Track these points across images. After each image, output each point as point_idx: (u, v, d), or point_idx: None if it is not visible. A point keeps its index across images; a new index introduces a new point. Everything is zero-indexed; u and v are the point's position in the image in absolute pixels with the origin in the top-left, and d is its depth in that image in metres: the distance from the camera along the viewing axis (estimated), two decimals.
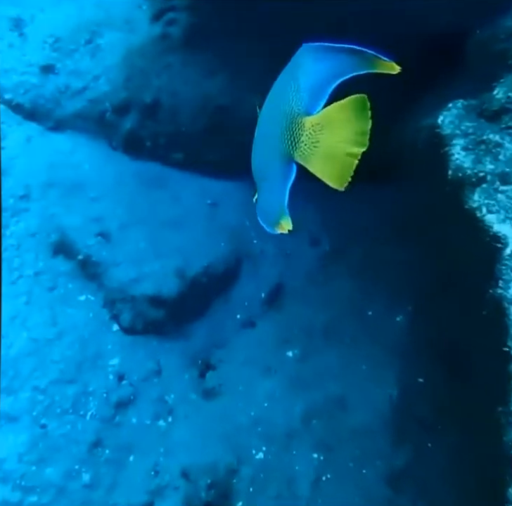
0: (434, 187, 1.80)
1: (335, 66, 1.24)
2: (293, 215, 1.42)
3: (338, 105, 1.22)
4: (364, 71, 1.22)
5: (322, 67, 1.24)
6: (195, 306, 2.63)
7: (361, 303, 2.40)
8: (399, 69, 1.21)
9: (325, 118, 1.24)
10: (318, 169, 1.27)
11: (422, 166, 1.93)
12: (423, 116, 2.08)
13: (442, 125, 1.74)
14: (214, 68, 2.88)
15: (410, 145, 2.05)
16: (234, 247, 2.76)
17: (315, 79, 1.25)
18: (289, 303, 2.57)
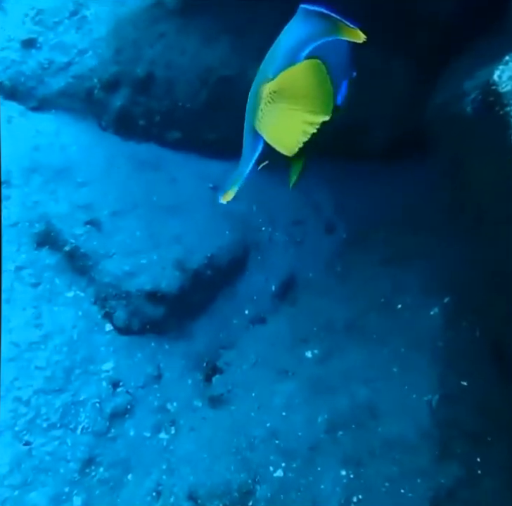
0: (488, 160, 1.51)
1: (308, 31, 1.20)
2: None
3: (294, 70, 1.17)
4: (332, 37, 1.19)
5: (299, 32, 1.21)
6: (198, 301, 2.34)
7: (388, 295, 2.11)
8: (363, 38, 1.17)
9: (281, 84, 1.18)
10: (271, 138, 1.20)
11: (469, 135, 1.64)
12: (465, 78, 1.78)
13: (500, 81, 1.45)
14: (215, 35, 2.58)
15: (450, 113, 1.76)
16: (240, 236, 2.47)
17: (291, 44, 1.20)
18: (303, 296, 2.28)
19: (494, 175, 1.52)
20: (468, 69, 1.92)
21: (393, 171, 2.63)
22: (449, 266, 2.07)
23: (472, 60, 1.96)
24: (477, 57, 1.95)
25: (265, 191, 2.58)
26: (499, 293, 1.71)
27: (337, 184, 2.63)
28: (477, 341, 1.87)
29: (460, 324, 1.95)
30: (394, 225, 2.34)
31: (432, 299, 2.04)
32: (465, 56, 2.07)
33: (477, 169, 1.64)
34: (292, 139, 1.19)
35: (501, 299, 1.71)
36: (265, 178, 2.61)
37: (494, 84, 1.44)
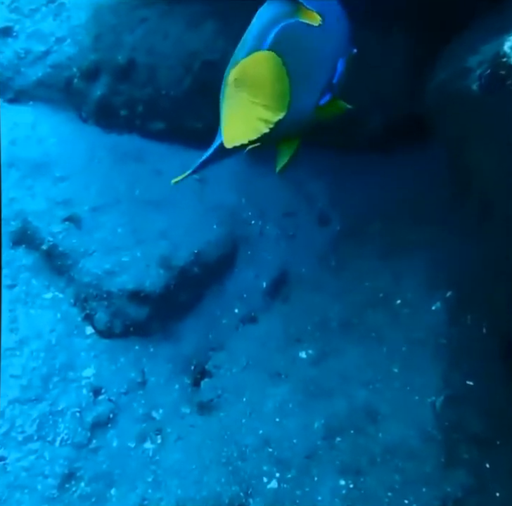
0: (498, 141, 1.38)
1: (274, 14, 1.19)
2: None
3: (252, 59, 1.13)
4: (294, 20, 1.17)
5: (267, 15, 1.19)
6: (185, 300, 2.20)
7: (386, 290, 1.97)
8: (319, 21, 1.19)
9: (241, 72, 1.14)
10: (224, 125, 1.18)
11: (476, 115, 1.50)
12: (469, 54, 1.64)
13: (511, 52, 1.30)
14: (199, 17, 2.43)
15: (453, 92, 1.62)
16: (229, 230, 2.33)
17: (259, 27, 1.19)
18: (296, 293, 2.15)
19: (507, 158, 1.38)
20: (471, 45, 1.77)
21: (391, 160, 2.49)
22: (451, 258, 1.94)
23: (476, 35, 1.81)
24: (480, 33, 1.81)
25: (254, 183, 2.45)
26: (508, 286, 1.57)
27: (330, 174, 2.49)
28: (483, 338, 1.73)
29: (465, 320, 1.81)
30: (392, 216, 2.20)
31: (434, 294, 1.91)
32: (468, 32, 1.93)
33: (486, 153, 1.50)
34: (241, 133, 1.15)
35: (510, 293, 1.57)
36: (254, 169, 2.48)
37: (505, 56, 1.30)
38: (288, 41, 1.20)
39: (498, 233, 1.54)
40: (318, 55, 1.34)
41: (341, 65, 1.42)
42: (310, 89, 1.35)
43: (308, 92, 1.35)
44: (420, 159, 2.36)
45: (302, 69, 1.28)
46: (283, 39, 1.19)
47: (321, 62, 1.36)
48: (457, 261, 1.91)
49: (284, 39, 1.19)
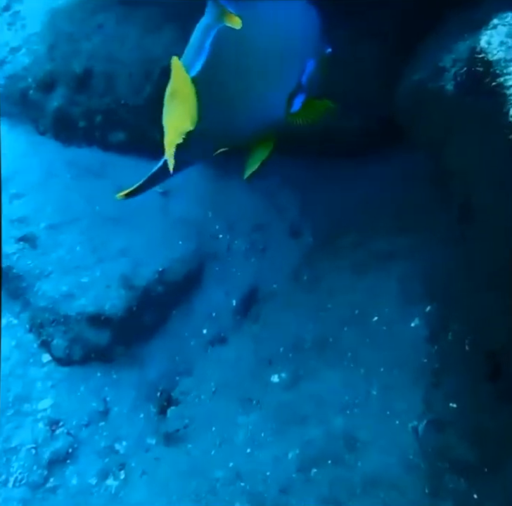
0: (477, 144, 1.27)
1: (209, 20, 1.19)
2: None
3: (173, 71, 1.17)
4: (222, 24, 1.16)
5: (203, 21, 1.20)
6: (150, 322, 2.07)
7: (362, 306, 1.85)
8: (240, 24, 1.16)
9: (173, 87, 1.18)
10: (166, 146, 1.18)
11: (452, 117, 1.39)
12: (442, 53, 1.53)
13: (489, 48, 1.19)
14: (158, 22, 2.31)
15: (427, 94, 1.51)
16: (195, 245, 2.20)
17: (197, 34, 1.20)
18: (268, 311, 2.02)
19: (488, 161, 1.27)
20: (445, 44, 1.67)
21: (365, 166, 2.37)
22: (430, 269, 1.82)
23: (449, 33, 1.71)
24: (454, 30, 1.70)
25: (222, 195, 2.32)
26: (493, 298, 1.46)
27: (302, 182, 2.37)
28: (467, 356, 1.61)
29: (445, 336, 1.69)
30: (367, 226, 2.08)
31: (413, 309, 1.79)
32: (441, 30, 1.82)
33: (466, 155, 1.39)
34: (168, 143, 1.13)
35: (495, 305, 1.46)
36: (222, 181, 2.35)
37: (482, 52, 1.19)
38: (226, 46, 1.18)
39: (480, 240, 1.43)
40: (277, 56, 1.27)
41: (311, 66, 1.35)
42: (272, 91, 1.29)
43: (270, 94, 1.29)
44: (396, 164, 2.25)
45: (254, 71, 1.24)
46: (220, 46, 1.18)
47: (281, 63, 1.28)
48: (437, 272, 1.79)
49: (222, 44, 1.18)
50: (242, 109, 1.26)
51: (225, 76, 1.22)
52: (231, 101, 1.25)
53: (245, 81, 1.24)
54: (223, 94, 1.23)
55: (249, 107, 1.26)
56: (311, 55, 1.35)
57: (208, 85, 1.19)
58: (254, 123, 1.30)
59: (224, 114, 1.24)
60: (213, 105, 1.21)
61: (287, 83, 1.32)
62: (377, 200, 2.17)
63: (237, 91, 1.24)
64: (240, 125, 1.28)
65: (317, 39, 1.37)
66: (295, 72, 1.32)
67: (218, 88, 1.22)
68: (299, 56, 1.33)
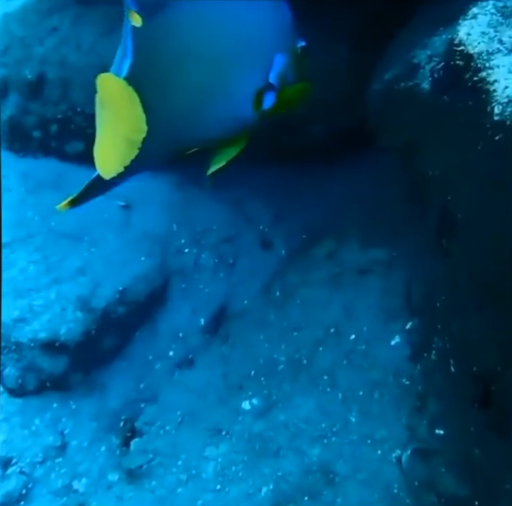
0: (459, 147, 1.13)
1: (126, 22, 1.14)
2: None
3: (100, 81, 1.12)
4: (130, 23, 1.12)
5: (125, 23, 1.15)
6: (111, 346, 1.92)
7: (339, 324, 1.71)
8: (140, 21, 1.10)
9: (101, 93, 1.13)
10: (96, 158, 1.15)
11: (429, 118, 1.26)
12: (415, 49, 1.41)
13: (469, 39, 1.06)
14: (114, 24, 2.16)
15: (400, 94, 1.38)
16: (159, 261, 2.05)
17: (123, 38, 1.16)
18: (238, 330, 1.87)
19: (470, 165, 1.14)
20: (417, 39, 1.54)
21: (337, 172, 2.25)
22: (409, 283, 1.69)
23: (421, 28, 1.58)
24: (426, 24, 1.58)
25: (187, 206, 2.17)
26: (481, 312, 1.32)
27: (272, 190, 2.23)
28: (453, 378, 1.48)
29: (429, 355, 1.56)
30: (341, 236, 1.94)
31: (393, 326, 1.65)
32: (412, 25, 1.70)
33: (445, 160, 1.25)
34: (114, 160, 1.10)
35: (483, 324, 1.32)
36: (187, 191, 2.21)
37: (461, 44, 1.06)
38: (159, 43, 1.11)
39: (463, 252, 1.30)
40: (234, 51, 1.19)
41: (280, 61, 1.27)
42: (232, 88, 1.22)
43: (229, 92, 1.22)
44: (370, 168, 2.12)
45: (204, 69, 1.16)
46: (149, 44, 1.11)
47: (241, 58, 1.21)
48: (417, 287, 1.66)
49: (151, 43, 1.11)
50: (193, 110, 1.19)
51: (163, 75, 1.14)
52: (176, 101, 1.17)
53: (193, 80, 1.16)
54: (164, 95, 1.15)
55: (202, 106, 1.19)
56: (281, 50, 1.27)
57: (142, 87, 1.11)
58: (213, 123, 1.23)
59: (170, 115, 1.17)
60: (154, 107, 1.13)
61: (250, 79, 1.24)
62: (351, 208, 2.04)
63: (183, 90, 1.17)
64: (195, 126, 1.22)
65: (287, 33, 1.28)
66: (261, 68, 1.25)
67: (156, 89, 1.14)
68: (265, 51, 1.25)
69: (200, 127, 1.23)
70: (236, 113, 1.25)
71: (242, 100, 1.24)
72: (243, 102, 1.25)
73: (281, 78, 1.29)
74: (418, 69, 1.38)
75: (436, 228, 1.32)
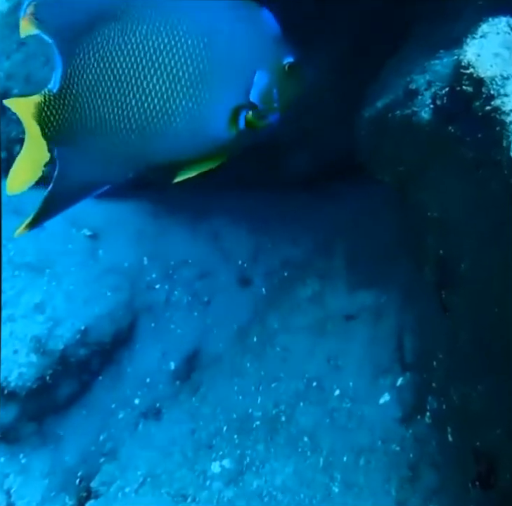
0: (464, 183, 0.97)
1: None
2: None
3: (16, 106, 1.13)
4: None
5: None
6: (68, 393, 1.73)
7: (322, 377, 1.54)
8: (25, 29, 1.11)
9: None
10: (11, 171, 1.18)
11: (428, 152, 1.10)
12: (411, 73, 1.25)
13: (479, 61, 0.89)
14: None
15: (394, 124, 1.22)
16: (127, 298, 1.87)
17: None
18: (211, 379, 1.69)
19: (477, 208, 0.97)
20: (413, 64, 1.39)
21: (321, 201, 2.09)
22: (400, 333, 1.51)
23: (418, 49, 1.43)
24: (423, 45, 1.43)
25: (160, 237, 2.00)
26: (484, 378, 1.15)
27: (252, 221, 2.06)
28: (449, 447, 1.30)
29: (422, 418, 1.38)
30: (326, 275, 1.77)
31: (382, 381, 1.48)
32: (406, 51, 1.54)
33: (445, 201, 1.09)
34: (22, 176, 1.10)
35: (486, 387, 1.15)
36: (160, 221, 2.04)
37: (469, 66, 0.89)
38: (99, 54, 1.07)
39: (465, 308, 1.12)
40: (196, 66, 1.10)
41: (263, 78, 1.17)
42: (202, 106, 1.14)
43: (200, 110, 1.15)
44: (360, 200, 1.97)
45: (157, 84, 1.09)
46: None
47: (205, 74, 1.12)
48: (410, 337, 1.49)
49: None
50: (148, 125, 1.11)
51: (104, 90, 1.09)
52: (130, 118, 1.11)
53: (143, 95, 1.09)
54: (110, 110, 1.10)
55: (161, 122, 1.11)
56: (263, 66, 1.18)
57: (81, 100, 1.08)
58: (180, 139, 1.15)
59: (121, 132, 1.11)
60: (100, 123, 1.09)
61: (224, 97, 1.16)
62: (337, 244, 1.87)
63: (132, 105, 1.09)
64: (154, 142, 1.14)
65: (272, 48, 1.18)
66: (237, 85, 1.17)
67: (100, 103, 1.09)
68: (243, 67, 1.16)
69: (160, 144, 1.15)
70: (208, 131, 1.17)
71: (215, 118, 1.17)
72: (216, 120, 1.17)
73: (265, 97, 1.19)
74: (416, 95, 1.23)
75: (434, 278, 1.15)
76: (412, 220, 1.33)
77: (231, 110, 1.16)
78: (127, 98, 1.08)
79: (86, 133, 1.10)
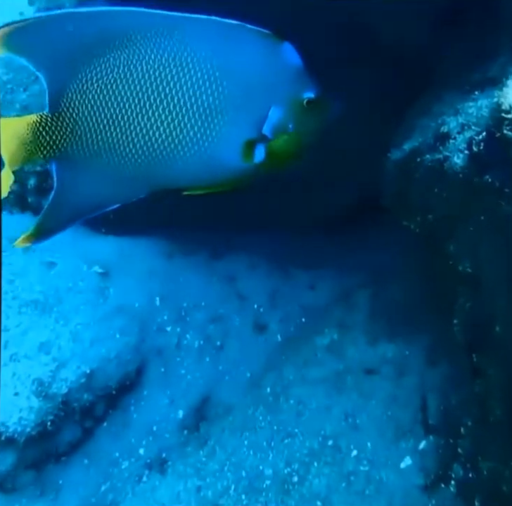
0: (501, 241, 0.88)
1: None
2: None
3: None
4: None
5: None
6: (69, 440, 1.64)
7: (338, 436, 1.43)
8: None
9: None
10: None
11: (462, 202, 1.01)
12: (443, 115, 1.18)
13: None
14: None
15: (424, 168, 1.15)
16: (136, 340, 1.80)
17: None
18: (221, 432, 1.59)
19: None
20: (445, 106, 1.31)
21: (347, 246, 2.01)
22: (426, 390, 1.41)
23: (449, 93, 1.36)
24: (455, 91, 1.35)
25: (174, 278, 1.93)
26: None
27: (270, 265, 1.99)
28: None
29: (447, 487, 1.26)
30: (346, 324, 1.68)
31: (403, 443, 1.37)
32: (435, 93, 1.47)
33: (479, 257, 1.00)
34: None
35: None
36: (174, 261, 1.97)
37: (511, 111, 0.81)
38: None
39: (499, 374, 1.03)
40: (210, 97, 1.11)
41: (277, 113, 1.17)
42: (215, 137, 1.15)
43: (213, 140, 1.15)
44: (386, 246, 1.88)
45: (166, 111, 1.10)
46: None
47: (221, 106, 1.12)
48: (435, 397, 1.38)
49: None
50: (156, 151, 1.12)
51: (107, 115, 1.09)
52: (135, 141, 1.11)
53: (148, 123, 1.10)
54: (114, 135, 1.10)
55: (167, 151, 1.12)
56: (279, 100, 1.18)
57: (81, 124, 1.08)
58: (192, 167, 1.16)
59: (125, 157, 1.12)
60: (103, 147, 1.10)
61: (237, 129, 1.16)
62: (359, 290, 1.78)
63: (137, 133, 1.10)
64: (164, 167, 1.15)
65: (290, 82, 1.17)
66: (251, 118, 1.17)
67: (103, 128, 1.09)
68: (257, 100, 1.16)
69: (168, 171, 1.16)
70: (220, 162, 1.17)
71: (227, 149, 1.17)
72: (228, 151, 1.17)
73: (278, 131, 1.18)
74: (448, 139, 1.15)
75: (465, 338, 1.05)
76: (441, 272, 1.24)
77: (244, 142, 1.15)
78: (132, 126, 1.09)
79: (87, 156, 1.11)
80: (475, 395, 1.09)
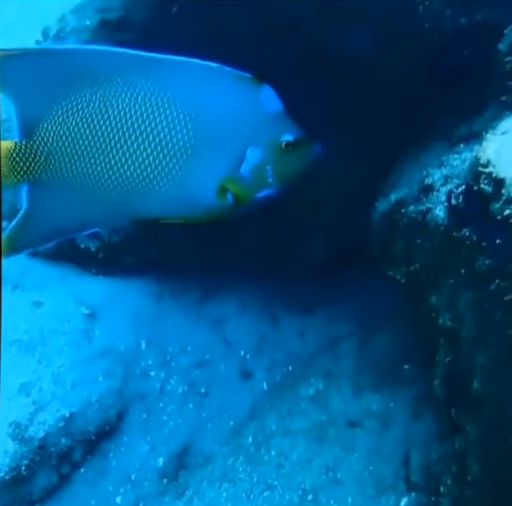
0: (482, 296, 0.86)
1: None
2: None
3: None
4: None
5: None
6: (44, 486, 1.59)
7: (319, 490, 1.39)
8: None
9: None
10: None
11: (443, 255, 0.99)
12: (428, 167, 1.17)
13: (499, 160, 0.80)
14: None
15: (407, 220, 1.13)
16: (119, 383, 1.76)
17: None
18: (200, 483, 1.55)
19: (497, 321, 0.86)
20: (430, 158, 1.31)
21: (334, 293, 1.99)
22: (409, 446, 1.37)
23: (435, 145, 1.36)
24: (441, 143, 1.35)
25: (160, 321, 1.91)
26: None
27: (258, 310, 1.97)
28: None
29: None
30: (331, 373, 1.65)
31: (384, 499, 1.33)
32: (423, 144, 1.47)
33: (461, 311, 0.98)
34: None
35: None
36: (162, 305, 1.95)
37: (488, 165, 0.80)
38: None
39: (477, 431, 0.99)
40: (185, 135, 1.13)
41: (255, 154, 1.18)
42: (189, 174, 1.16)
43: (188, 176, 1.16)
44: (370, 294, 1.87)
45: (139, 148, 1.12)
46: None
47: (196, 144, 1.14)
48: (417, 453, 1.35)
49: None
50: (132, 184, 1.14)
51: (82, 148, 1.11)
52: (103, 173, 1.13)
53: (123, 158, 1.11)
54: (88, 166, 1.12)
55: (142, 185, 1.13)
56: (257, 142, 1.18)
57: (56, 153, 1.10)
58: (160, 203, 1.17)
59: (99, 188, 1.13)
60: (76, 177, 1.12)
61: (212, 167, 1.17)
62: (345, 339, 1.76)
63: (111, 166, 1.12)
64: (132, 203, 1.16)
65: (267, 126, 1.18)
66: (225, 159, 1.18)
67: (77, 159, 1.11)
68: (231, 142, 1.17)
69: (143, 203, 1.17)
70: (196, 198, 1.19)
71: (202, 187, 1.18)
72: (204, 189, 1.19)
73: (256, 172, 1.19)
74: (432, 191, 1.15)
75: (444, 393, 1.03)
76: (425, 323, 1.22)
77: (219, 182, 1.16)
78: (106, 158, 1.11)
79: (60, 182, 1.12)
80: (454, 451, 1.06)
